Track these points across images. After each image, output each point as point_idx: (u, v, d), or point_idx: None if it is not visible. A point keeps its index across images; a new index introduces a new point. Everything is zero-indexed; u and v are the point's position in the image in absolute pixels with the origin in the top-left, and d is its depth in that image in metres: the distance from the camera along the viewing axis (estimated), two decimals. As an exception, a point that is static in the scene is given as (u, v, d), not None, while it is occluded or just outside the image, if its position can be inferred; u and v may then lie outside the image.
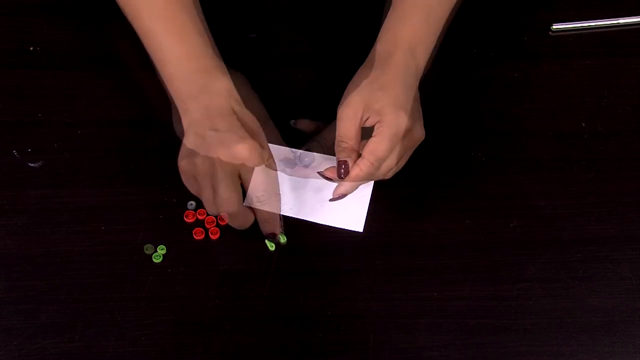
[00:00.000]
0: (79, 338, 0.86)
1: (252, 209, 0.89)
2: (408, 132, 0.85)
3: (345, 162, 0.86)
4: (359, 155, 0.85)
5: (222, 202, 0.85)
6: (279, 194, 0.90)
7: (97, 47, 1.03)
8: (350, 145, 0.85)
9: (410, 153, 0.89)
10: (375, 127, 0.85)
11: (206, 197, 0.86)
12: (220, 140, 0.83)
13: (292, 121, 0.91)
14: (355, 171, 0.85)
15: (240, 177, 0.86)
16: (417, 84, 0.89)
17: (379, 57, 0.87)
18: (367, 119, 0.85)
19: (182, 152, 0.87)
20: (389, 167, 0.86)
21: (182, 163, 0.86)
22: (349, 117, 0.85)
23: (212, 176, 0.84)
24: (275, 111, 0.98)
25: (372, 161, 0.84)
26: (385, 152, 0.84)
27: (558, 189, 0.96)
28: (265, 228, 0.90)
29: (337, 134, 0.86)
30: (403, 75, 0.86)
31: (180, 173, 0.87)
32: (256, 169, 0.86)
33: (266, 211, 0.89)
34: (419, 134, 0.87)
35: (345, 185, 0.87)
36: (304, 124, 0.95)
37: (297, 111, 0.98)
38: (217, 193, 0.85)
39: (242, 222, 0.89)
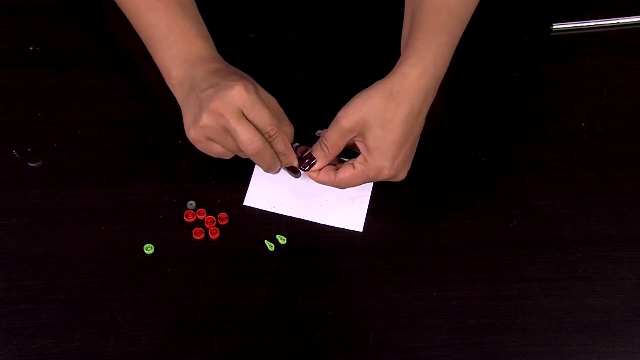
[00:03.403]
0: (79, 338, 0.86)
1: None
2: (387, 179, 0.88)
3: (314, 159, 0.88)
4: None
5: (246, 146, 0.84)
6: (288, 121, 0.89)
7: (96, 47, 1.03)
8: (328, 152, 0.87)
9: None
10: (359, 158, 0.87)
11: (231, 147, 0.86)
12: (214, 92, 0.84)
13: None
14: (321, 177, 0.88)
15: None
16: (427, 112, 0.89)
17: (403, 84, 0.86)
18: (359, 141, 0.87)
19: (186, 125, 0.88)
20: (352, 187, 0.90)
21: (191, 133, 0.87)
22: (343, 131, 0.86)
23: (224, 128, 0.84)
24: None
25: (338, 184, 0.88)
26: (354, 185, 0.88)
27: (558, 189, 0.96)
28: (285, 161, 0.89)
29: (326, 133, 0.87)
30: (414, 114, 0.86)
31: (195, 144, 0.88)
32: (257, 107, 0.85)
33: (280, 144, 0.87)
34: (398, 179, 0.89)
35: (308, 173, 0.89)
36: None
37: (297, 111, 0.98)
38: (238, 140, 0.84)
39: (272, 161, 0.87)
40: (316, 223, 0.93)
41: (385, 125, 0.85)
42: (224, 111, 0.84)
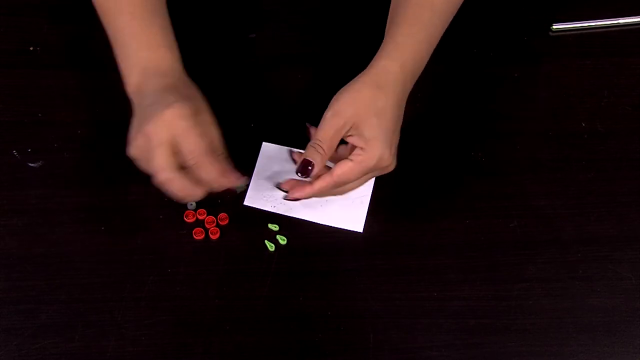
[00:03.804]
0: (79, 338, 0.86)
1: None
2: (386, 167, 0.87)
3: (311, 163, 0.86)
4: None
5: (156, 171, 0.83)
6: (219, 149, 0.86)
7: (97, 47, 1.03)
8: (324, 152, 0.86)
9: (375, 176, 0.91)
10: (356, 151, 0.86)
11: (149, 172, 0.84)
12: (149, 113, 0.83)
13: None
14: (318, 184, 0.87)
15: (177, 146, 0.83)
16: (405, 104, 0.90)
17: (387, 76, 0.88)
18: (351, 135, 0.86)
19: (128, 140, 0.86)
20: (351, 188, 0.89)
21: (129, 150, 0.85)
22: (334, 126, 0.86)
23: (148, 151, 0.83)
24: (275, 111, 0.98)
25: (338, 182, 0.87)
26: (354, 179, 0.87)
27: (558, 189, 0.96)
28: (217, 186, 0.85)
29: (317, 133, 0.87)
30: (399, 105, 0.88)
31: (133, 161, 0.86)
32: (185, 134, 0.82)
33: (205, 173, 0.84)
34: (392, 167, 0.89)
35: (304, 192, 0.88)
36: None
37: (297, 111, 0.98)
38: (152, 165, 0.83)
39: (182, 195, 0.84)
40: (316, 223, 0.93)
41: (379, 114, 0.86)
42: (152, 133, 0.82)
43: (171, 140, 0.82)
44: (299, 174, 0.87)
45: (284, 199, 0.90)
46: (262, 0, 1.08)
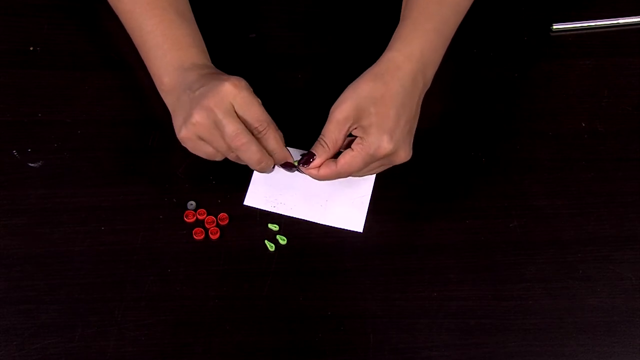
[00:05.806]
0: (79, 338, 0.86)
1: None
2: (388, 154, 0.87)
3: (313, 155, 0.88)
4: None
5: (232, 139, 0.84)
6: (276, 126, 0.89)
7: (97, 47, 1.03)
8: (327, 146, 0.87)
9: (387, 167, 0.90)
10: (356, 140, 0.87)
11: (220, 146, 0.86)
12: (206, 89, 0.85)
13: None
14: (322, 170, 0.88)
15: (240, 117, 0.85)
16: (421, 100, 0.90)
17: (388, 65, 0.88)
18: (355, 128, 0.87)
19: (177, 126, 0.88)
20: (359, 176, 0.90)
21: (182, 132, 0.86)
22: (337, 122, 0.87)
23: (214, 123, 0.84)
24: (275, 112, 0.98)
25: (341, 171, 0.87)
26: (357, 168, 0.87)
27: (558, 189, 0.96)
28: (277, 158, 0.88)
29: (323, 130, 0.88)
30: (405, 92, 0.87)
31: (184, 143, 0.88)
32: (247, 102, 0.85)
33: (271, 141, 0.87)
34: (402, 157, 0.88)
35: (307, 171, 0.89)
36: None
37: (297, 112, 0.98)
38: (224, 133, 0.84)
39: (259, 156, 0.86)
40: (316, 223, 0.93)
41: (377, 102, 0.86)
42: (214, 105, 0.84)
43: (234, 110, 0.84)
44: (300, 164, 0.88)
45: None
46: (262, 0, 1.08)
